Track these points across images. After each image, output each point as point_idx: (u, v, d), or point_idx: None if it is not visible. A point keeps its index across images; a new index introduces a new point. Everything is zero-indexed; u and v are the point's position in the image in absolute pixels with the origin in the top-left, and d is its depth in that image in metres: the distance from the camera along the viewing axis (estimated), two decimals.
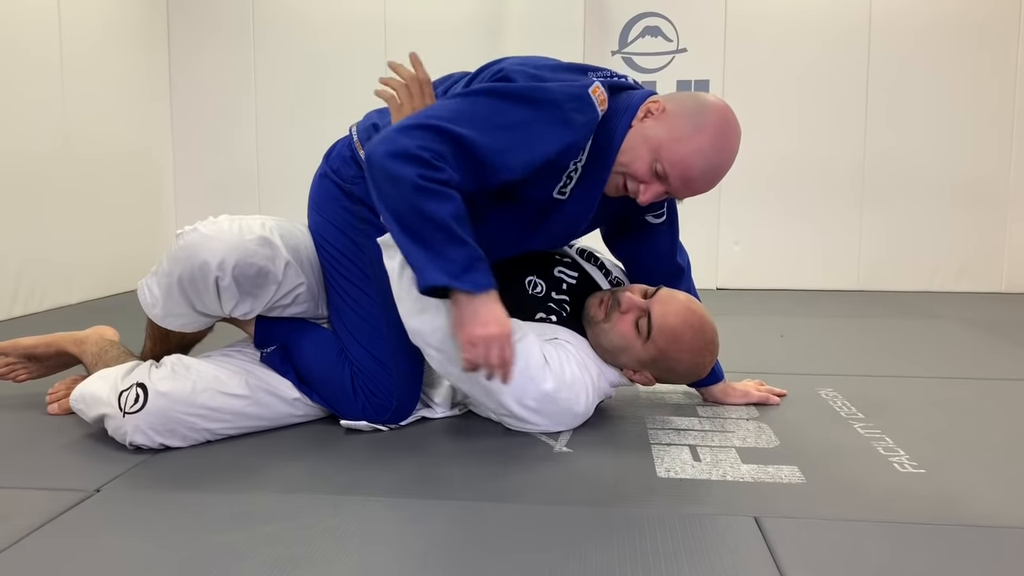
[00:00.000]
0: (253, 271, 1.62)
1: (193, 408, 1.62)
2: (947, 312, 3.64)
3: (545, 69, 1.59)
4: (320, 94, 4.45)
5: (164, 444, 1.61)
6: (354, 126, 1.83)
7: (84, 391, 1.66)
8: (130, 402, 1.58)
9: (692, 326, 1.75)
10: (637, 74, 4.36)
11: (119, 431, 1.60)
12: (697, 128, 1.55)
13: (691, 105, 1.59)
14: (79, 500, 1.39)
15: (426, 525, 1.31)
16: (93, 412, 1.64)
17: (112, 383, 1.63)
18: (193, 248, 1.60)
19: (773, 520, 1.32)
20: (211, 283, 1.61)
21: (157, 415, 1.59)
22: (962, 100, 4.23)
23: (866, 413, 1.94)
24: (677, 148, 1.55)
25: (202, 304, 1.66)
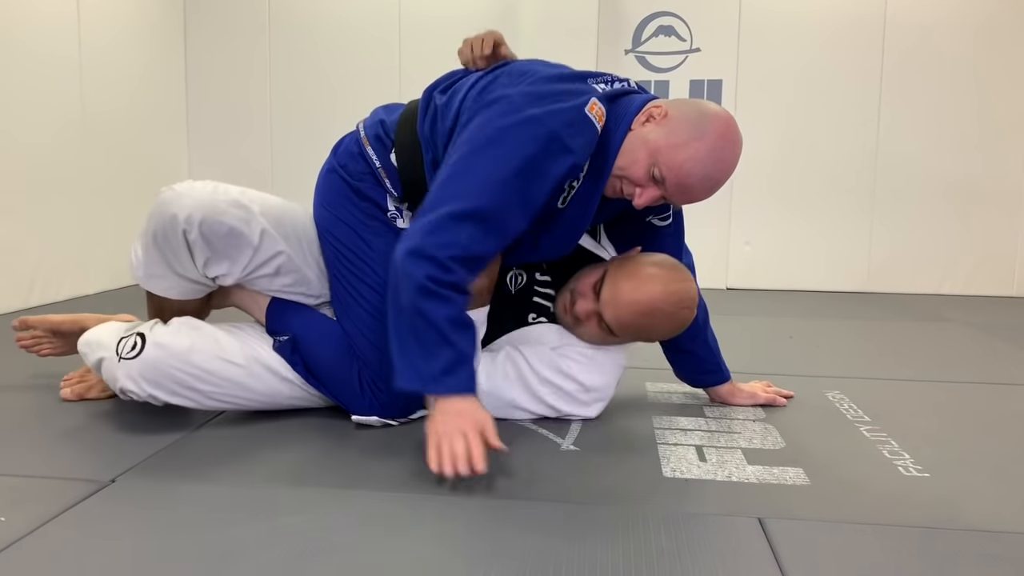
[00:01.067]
0: (224, 229, 1.63)
1: (186, 366, 1.65)
2: (956, 316, 3.64)
3: (542, 82, 1.58)
4: (334, 92, 4.48)
5: (153, 397, 1.65)
6: (362, 122, 1.85)
7: (90, 336, 1.74)
8: (127, 348, 1.63)
9: (645, 314, 1.74)
10: (650, 73, 4.37)
11: (111, 375, 1.65)
12: (697, 134, 1.54)
13: (693, 112, 1.58)
14: (95, 490, 1.41)
15: (435, 520, 1.33)
16: (94, 356, 1.70)
17: (116, 329, 1.70)
18: (164, 204, 1.63)
19: (776, 521, 1.33)
20: (179, 236, 1.62)
21: (150, 365, 1.62)
22: (975, 102, 4.22)
23: (872, 416, 1.96)
24: (675, 153, 1.54)
25: (178, 263, 1.67)
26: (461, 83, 1.72)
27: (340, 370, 1.75)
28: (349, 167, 1.80)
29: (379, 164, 1.76)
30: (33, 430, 1.77)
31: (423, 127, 1.73)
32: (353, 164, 1.80)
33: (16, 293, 3.29)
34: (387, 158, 1.77)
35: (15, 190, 3.27)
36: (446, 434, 1.44)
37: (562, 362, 1.81)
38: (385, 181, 1.77)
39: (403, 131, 1.76)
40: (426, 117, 1.73)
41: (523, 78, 1.61)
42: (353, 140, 1.83)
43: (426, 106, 1.75)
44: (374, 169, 1.77)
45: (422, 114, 1.74)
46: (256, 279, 1.75)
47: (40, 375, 2.15)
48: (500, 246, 1.57)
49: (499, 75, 1.66)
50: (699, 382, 2.04)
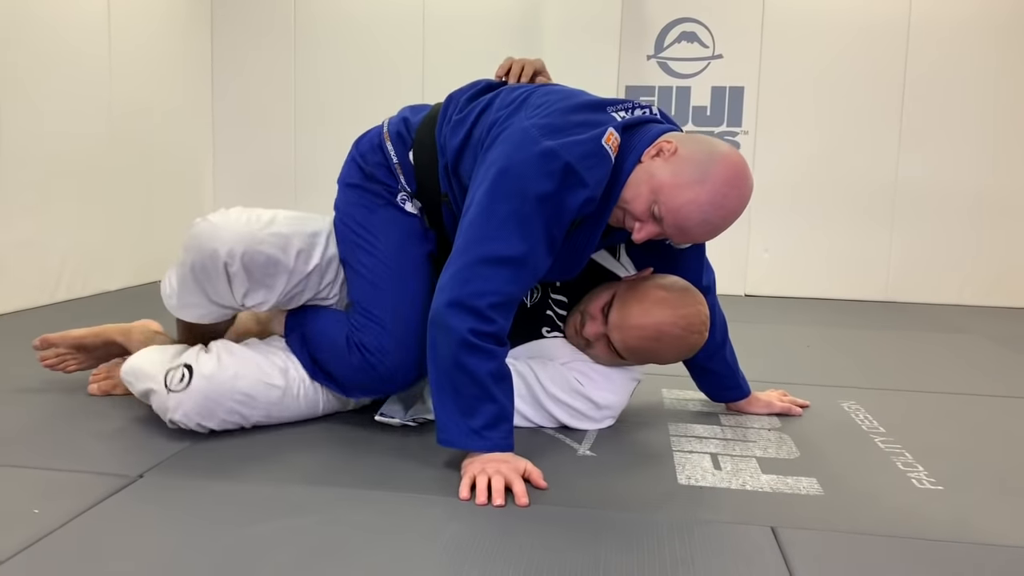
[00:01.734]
0: (262, 259, 1.67)
1: (233, 393, 1.69)
2: (975, 327, 3.63)
3: (559, 114, 1.57)
4: (359, 92, 4.53)
5: (201, 425, 1.69)
6: (388, 119, 1.90)
7: (134, 364, 1.75)
8: (175, 381, 1.67)
9: (652, 339, 1.75)
10: (672, 79, 4.38)
11: (162, 407, 1.68)
12: (701, 177, 1.50)
13: (702, 153, 1.54)
14: (123, 485, 1.46)
15: (450, 522, 1.36)
16: (140, 386, 1.73)
17: (161, 360, 1.72)
18: (203, 237, 1.66)
19: (789, 531, 1.35)
20: (220, 269, 1.66)
21: (199, 396, 1.66)
22: (998, 112, 4.20)
23: (887, 427, 1.97)
24: (676, 194, 1.51)
25: (215, 293, 1.71)
26: (482, 100, 1.75)
27: (332, 335, 1.78)
28: (367, 156, 1.85)
29: (396, 160, 1.81)
30: (64, 426, 1.81)
31: (441, 133, 1.77)
32: (372, 155, 1.85)
33: (43, 288, 3.35)
34: (405, 156, 1.81)
35: (42, 186, 3.33)
36: (483, 471, 1.46)
37: (573, 379, 1.83)
38: (400, 177, 1.81)
39: (423, 133, 1.80)
40: (445, 124, 1.77)
41: (540, 109, 1.60)
42: (376, 134, 1.89)
43: (446, 112, 1.79)
44: (391, 164, 1.82)
45: (441, 119, 1.78)
46: (290, 301, 1.79)
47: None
48: (532, 283, 1.60)
49: (520, 105, 1.66)
50: (719, 398, 2.06)
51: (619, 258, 1.95)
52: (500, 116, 1.66)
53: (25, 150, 3.20)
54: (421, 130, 1.81)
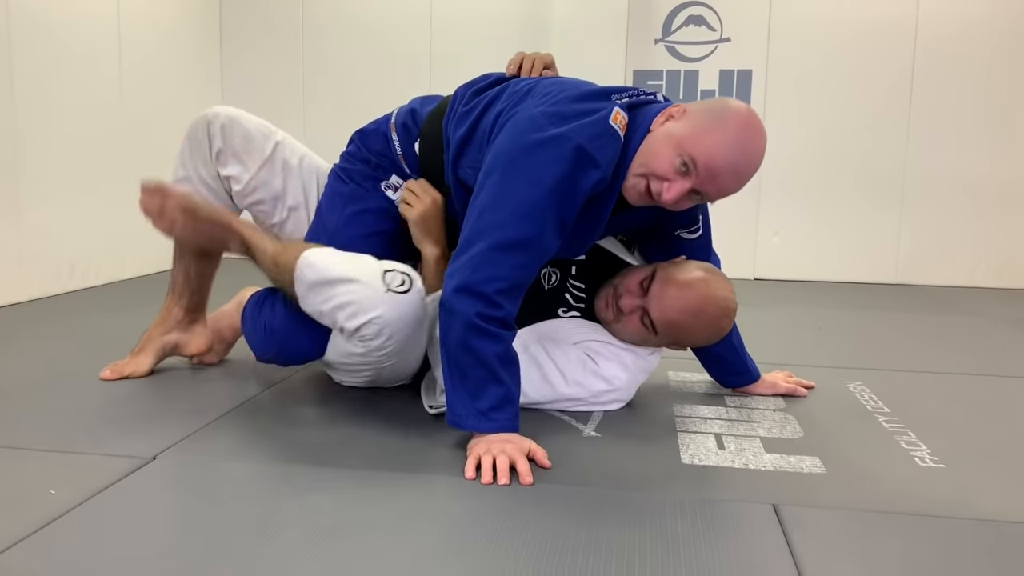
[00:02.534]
0: (241, 130, 1.96)
1: (426, 322, 1.72)
2: (983, 309, 3.62)
3: (565, 103, 1.58)
4: (367, 90, 4.54)
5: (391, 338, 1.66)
6: (397, 108, 1.94)
7: (325, 254, 1.71)
8: (396, 282, 1.62)
9: (692, 313, 1.77)
10: (680, 63, 4.37)
11: (366, 303, 1.61)
12: (720, 122, 1.54)
13: (714, 104, 1.60)
14: (137, 466, 1.49)
15: (458, 501, 1.38)
16: (333, 272, 1.64)
17: (366, 260, 1.70)
18: (203, 111, 2.00)
19: (790, 508, 1.37)
20: (204, 130, 1.97)
21: (410, 310, 1.64)
22: (1010, 95, 4.18)
23: (892, 407, 1.98)
24: (702, 140, 1.52)
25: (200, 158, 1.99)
26: (489, 94, 1.76)
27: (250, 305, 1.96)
28: (369, 141, 1.92)
29: (400, 151, 1.85)
30: (80, 411, 1.84)
31: (448, 125, 1.79)
32: (374, 141, 1.91)
33: (57, 277, 3.39)
34: (410, 147, 1.85)
35: (55, 179, 3.36)
36: (488, 451, 1.49)
37: (588, 358, 1.85)
38: (404, 167, 1.86)
39: (430, 125, 1.83)
40: (451, 116, 1.79)
41: (547, 98, 1.61)
42: (384, 121, 1.93)
43: (453, 105, 1.81)
44: (394, 155, 1.86)
45: (449, 112, 1.80)
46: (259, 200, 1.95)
47: (84, 354, 2.23)
48: (541, 267, 1.63)
49: (526, 95, 1.67)
50: (729, 383, 2.08)
51: (632, 251, 1.98)
52: (506, 106, 1.68)
53: (39, 141, 3.24)
54: (428, 122, 1.83)
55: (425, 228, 1.82)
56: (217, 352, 2.21)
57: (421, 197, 1.81)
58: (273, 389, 2.02)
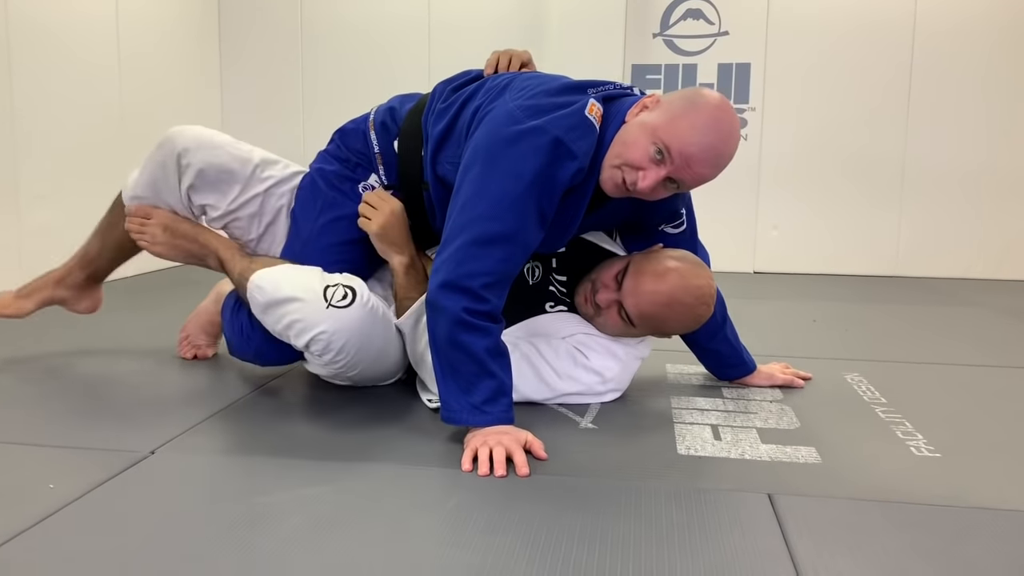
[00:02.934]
0: (218, 162, 1.84)
1: (376, 328, 1.72)
2: (983, 300, 3.62)
3: (542, 95, 1.59)
4: (364, 90, 4.54)
5: (341, 352, 1.68)
6: (376, 107, 1.94)
7: (274, 273, 1.72)
8: (338, 296, 1.63)
9: (666, 304, 1.76)
10: (679, 57, 4.37)
11: (310, 321, 1.64)
12: (692, 108, 1.53)
13: (686, 92, 1.60)
14: (136, 461, 1.50)
15: (456, 493, 1.39)
16: (282, 292, 1.67)
17: (310, 273, 1.71)
18: (170, 134, 1.90)
19: (786, 497, 1.38)
20: (174, 161, 1.85)
21: (355, 322, 1.65)
22: (1008, 86, 4.17)
23: (889, 398, 1.98)
24: (675, 125, 1.52)
25: (166, 186, 1.90)
26: (466, 90, 1.77)
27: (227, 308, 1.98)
28: (348, 140, 1.91)
29: (378, 149, 1.86)
30: (78, 406, 1.86)
31: (426, 122, 1.79)
32: (353, 140, 1.90)
33: None
34: (389, 145, 1.85)
35: (55, 176, 3.38)
36: (484, 443, 1.49)
37: (578, 351, 1.85)
38: (380, 167, 1.85)
39: (409, 122, 1.84)
40: (430, 113, 1.79)
41: (523, 92, 1.62)
42: (362, 119, 1.93)
43: (432, 102, 1.81)
44: (371, 153, 1.86)
45: (427, 109, 1.81)
46: (235, 219, 1.90)
47: (82, 352, 2.24)
48: (525, 260, 1.62)
49: (503, 90, 1.68)
50: (725, 376, 2.08)
51: (616, 240, 1.98)
52: (483, 102, 1.68)
53: (38, 140, 3.25)
54: (408, 120, 1.84)
55: (387, 240, 1.81)
56: (210, 345, 2.24)
57: (379, 208, 1.80)
58: (270, 384, 2.03)
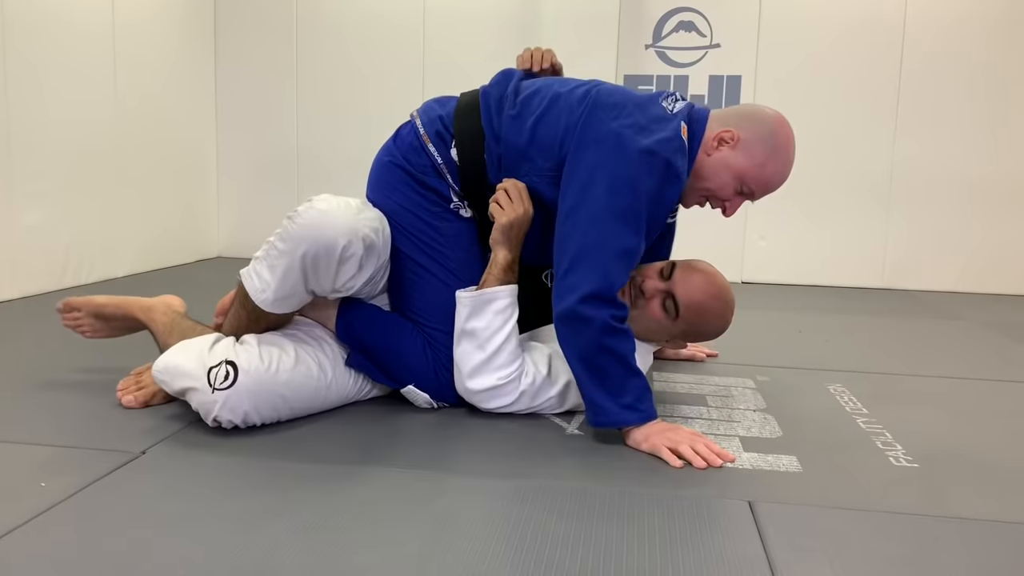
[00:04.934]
0: (368, 242, 1.72)
1: (277, 387, 1.69)
2: (969, 314, 3.66)
3: (638, 112, 1.73)
4: (360, 82, 4.59)
5: (246, 420, 1.68)
6: (417, 115, 1.92)
7: (168, 362, 1.70)
8: (220, 378, 1.64)
9: (715, 296, 1.85)
10: (670, 68, 4.41)
11: (205, 406, 1.65)
12: (772, 151, 1.77)
13: (760, 130, 1.78)
14: (127, 460, 1.52)
15: (443, 497, 1.42)
16: (179, 384, 1.68)
17: (198, 356, 1.68)
18: (317, 227, 1.66)
19: (766, 505, 1.41)
20: (335, 257, 1.67)
21: (245, 393, 1.65)
22: (996, 101, 4.22)
23: (870, 409, 2.02)
24: (760, 172, 1.78)
25: (316, 282, 1.72)
26: (538, 99, 1.82)
27: (417, 365, 1.85)
28: (412, 160, 1.88)
29: (440, 160, 1.87)
30: (70, 405, 1.87)
31: (492, 124, 1.83)
32: (416, 158, 1.88)
33: (50, 274, 3.41)
34: (448, 155, 1.87)
35: (49, 174, 3.39)
36: (677, 442, 1.62)
37: None
38: (447, 177, 1.87)
39: (465, 127, 1.86)
40: (497, 117, 1.83)
41: (618, 110, 1.73)
42: (412, 133, 1.91)
43: (489, 105, 1.85)
44: (436, 165, 1.87)
45: (488, 112, 1.84)
46: (364, 286, 1.81)
47: (74, 351, 2.25)
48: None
49: (593, 109, 1.75)
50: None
51: None
52: (572, 121, 1.75)
53: (32, 138, 3.26)
54: (461, 125, 1.86)
55: (508, 234, 1.82)
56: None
57: (515, 204, 1.81)
58: None
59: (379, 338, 1.84)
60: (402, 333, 1.86)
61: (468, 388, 1.80)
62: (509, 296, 1.81)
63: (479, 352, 1.78)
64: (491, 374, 1.78)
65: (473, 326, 1.79)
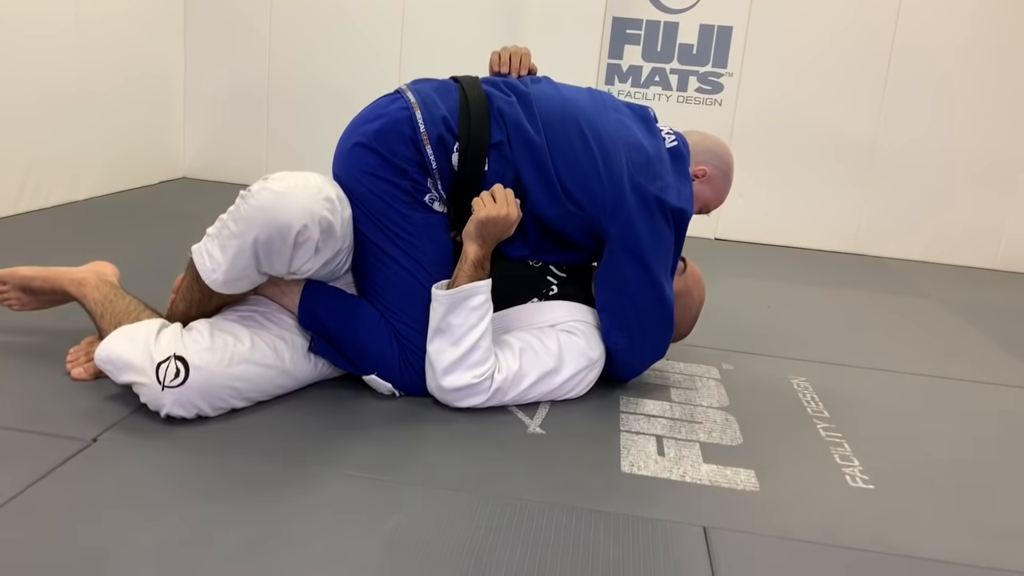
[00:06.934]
0: (325, 225, 1.64)
1: (229, 380, 1.64)
2: (937, 292, 3.67)
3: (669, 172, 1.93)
4: (336, 10, 4.40)
5: (199, 413, 1.64)
6: (417, 107, 1.81)
7: (111, 354, 1.63)
8: (170, 376, 1.58)
9: (700, 283, 2.18)
10: (661, 14, 4.27)
11: (155, 402, 1.60)
12: (726, 181, 2.16)
13: (720, 164, 2.12)
14: (78, 449, 1.48)
15: (396, 512, 1.40)
16: (124, 377, 1.62)
17: (143, 348, 1.61)
18: (271, 209, 1.57)
19: (719, 532, 1.42)
20: (290, 243, 1.60)
21: (197, 389, 1.60)
22: (983, 74, 4.16)
23: (832, 411, 2.04)
24: (719, 198, 2.16)
25: (269, 265, 1.64)
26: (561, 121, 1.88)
27: (382, 355, 1.81)
28: (397, 151, 1.79)
29: (435, 166, 1.80)
30: (14, 371, 1.82)
31: (509, 145, 1.84)
32: (404, 150, 1.79)
33: (4, 198, 3.29)
34: (445, 160, 1.81)
35: (5, 94, 3.23)
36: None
37: (578, 344, 1.91)
38: (437, 180, 1.81)
39: (473, 135, 1.81)
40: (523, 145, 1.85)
41: (650, 169, 1.89)
42: (408, 125, 1.80)
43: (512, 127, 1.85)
44: (428, 167, 1.80)
45: (507, 129, 1.85)
46: (319, 269, 1.74)
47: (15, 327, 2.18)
48: None
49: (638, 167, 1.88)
50: None
51: None
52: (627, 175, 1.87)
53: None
54: (469, 134, 1.81)
55: (483, 231, 1.77)
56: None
57: (499, 204, 1.78)
58: None
59: (344, 326, 1.79)
60: (367, 322, 1.81)
61: (441, 386, 1.78)
62: (485, 293, 1.77)
63: (454, 349, 1.75)
64: (466, 372, 1.76)
65: (448, 322, 1.75)
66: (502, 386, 1.79)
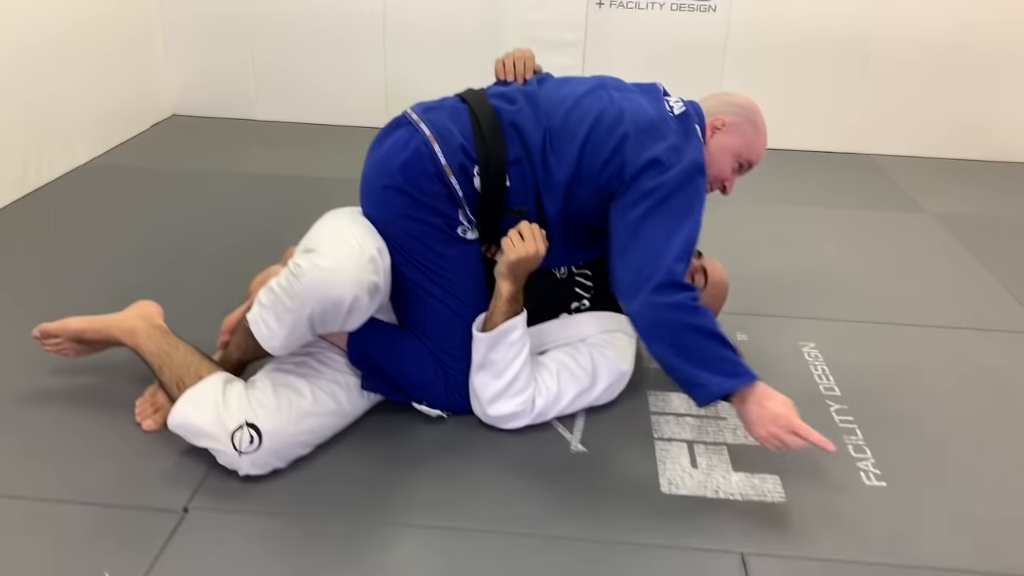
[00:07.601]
0: (373, 288, 1.74)
1: (298, 435, 1.78)
2: (930, 204, 3.74)
3: (671, 132, 1.90)
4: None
5: (273, 469, 1.77)
6: (435, 140, 1.86)
7: (185, 421, 1.75)
8: (245, 443, 1.70)
9: (725, 280, 2.28)
10: None
11: (233, 465, 1.73)
12: (756, 128, 2.06)
13: (741, 112, 2.05)
14: (175, 525, 1.62)
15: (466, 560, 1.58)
16: (199, 442, 1.75)
17: (214, 415, 1.72)
18: (322, 287, 1.67)
19: (756, 559, 1.61)
20: (344, 312, 1.70)
21: (271, 451, 1.74)
22: None
23: (841, 387, 2.20)
24: (753, 147, 2.05)
25: (324, 328, 1.77)
26: (583, 131, 1.88)
27: (429, 385, 1.94)
28: (424, 188, 1.85)
29: (461, 194, 1.86)
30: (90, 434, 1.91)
31: (525, 153, 1.89)
32: (430, 186, 1.85)
33: (11, 182, 3.27)
34: (469, 186, 1.87)
35: None
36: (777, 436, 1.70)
37: (613, 357, 2.03)
38: (464, 206, 1.88)
39: (490, 154, 1.86)
40: (541, 156, 1.89)
41: (657, 132, 1.88)
42: (430, 161, 1.85)
43: (530, 134, 1.88)
44: (455, 196, 1.86)
45: (523, 138, 1.88)
46: None
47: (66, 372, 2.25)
48: None
49: (632, 133, 1.87)
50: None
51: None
52: (629, 159, 1.85)
53: None
54: (487, 153, 1.86)
55: (516, 270, 1.86)
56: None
57: (527, 242, 1.85)
58: None
59: (392, 360, 1.92)
60: (413, 354, 1.93)
61: (488, 414, 1.93)
62: (521, 327, 1.89)
63: (496, 381, 1.89)
64: (509, 400, 1.90)
65: (490, 358, 1.88)
66: (543, 409, 1.94)
